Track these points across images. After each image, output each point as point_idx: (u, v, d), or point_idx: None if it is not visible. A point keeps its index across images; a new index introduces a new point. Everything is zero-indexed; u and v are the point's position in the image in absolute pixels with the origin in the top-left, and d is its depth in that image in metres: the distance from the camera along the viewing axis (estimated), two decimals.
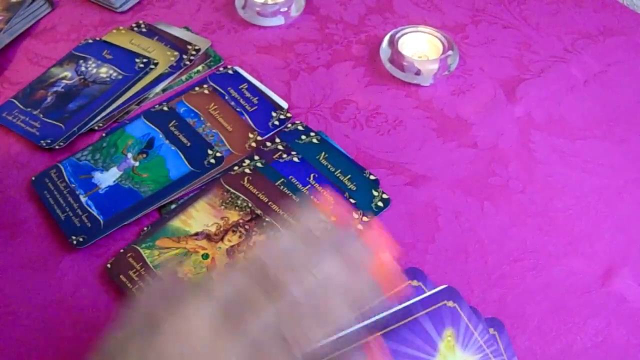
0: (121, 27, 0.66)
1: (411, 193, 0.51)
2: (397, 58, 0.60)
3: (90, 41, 0.64)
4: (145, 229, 0.48)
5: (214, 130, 0.55)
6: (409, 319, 0.43)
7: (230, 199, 0.49)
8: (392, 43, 0.61)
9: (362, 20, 0.68)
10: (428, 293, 0.44)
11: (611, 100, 0.59)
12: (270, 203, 0.49)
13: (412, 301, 0.43)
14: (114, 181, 0.52)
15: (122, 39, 0.64)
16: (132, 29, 0.66)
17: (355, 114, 0.57)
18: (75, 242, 0.47)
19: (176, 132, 0.55)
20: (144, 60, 0.61)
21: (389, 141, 0.55)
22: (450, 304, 0.43)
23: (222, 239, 0.47)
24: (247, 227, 0.48)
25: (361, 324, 0.42)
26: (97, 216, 0.49)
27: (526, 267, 0.46)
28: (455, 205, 0.50)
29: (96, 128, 0.57)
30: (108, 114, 0.57)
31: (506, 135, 0.56)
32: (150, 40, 0.64)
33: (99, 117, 0.57)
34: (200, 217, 0.48)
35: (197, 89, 0.59)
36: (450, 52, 0.60)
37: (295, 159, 0.52)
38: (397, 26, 0.64)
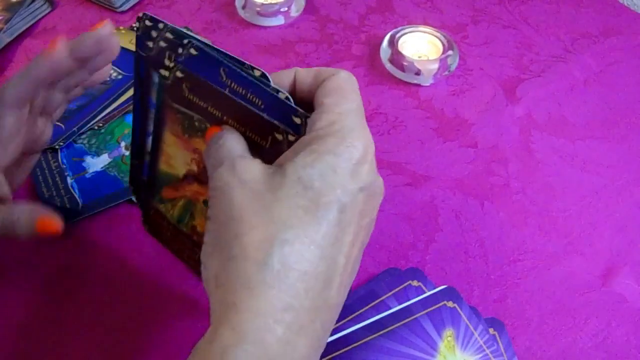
0: (121, 27, 0.66)
1: (411, 193, 0.51)
2: (397, 58, 0.60)
3: None
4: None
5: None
6: (409, 319, 0.43)
7: (187, 122, 0.37)
8: (392, 43, 0.61)
9: (362, 20, 0.68)
10: (428, 293, 0.44)
11: (611, 100, 0.59)
12: (226, 118, 0.34)
13: (412, 301, 0.43)
14: (102, 167, 0.52)
15: (123, 39, 0.64)
16: (132, 28, 0.66)
17: None
18: None
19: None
20: None
21: (389, 141, 0.55)
22: (450, 304, 0.43)
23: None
24: None
25: (361, 324, 0.42)
26: (78, 199, 0.50)
27: (526, 267, 0.46)
28: (455, 205, 0.50)
29: (96, 128, 0.57)
30: (108, 113, 0.57)
31: (506, 135, 0.56)
32: None
33: (99, 117, 0.57)
34: (175, 153, 0.39)
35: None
36: (450, 52, 0.60)
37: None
38: (397, 26, 0.64)
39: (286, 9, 0.66)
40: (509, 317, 0.43)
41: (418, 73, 0.60)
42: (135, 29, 0.65)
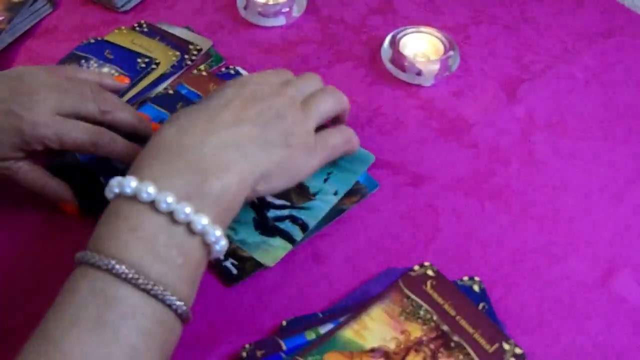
0: (123, 27, 0.66)
1: (412, 193, 0.51)
2: (398, 58, 0.60)
3: (92, 41, 0.64)
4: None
5: None
6: None
7: (411, 308, 0.42)
8: (394, 43, 0.61)
9: (364, 20, 0.68)
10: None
11: (612, 100, 0.59)
12: (458, 318, 0.42)
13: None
14: None
15: (124, 39, 0.64)
16: (133, 28, 0.66)
17: (356, 114, 0.58)
18: None
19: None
20: (146, 60, 0.61)
21: (389, 141, 0.55)
22: None
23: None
24: (432, 346, 0.41)
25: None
26: None
27: (526, 267, 0.46)
28: (456, 205, 0.50)
29: None
30: None
31: (507, 135, 0.56)
32: (151, 40, 0.64)
33: None
34: (376, 328, 0.41)
35: (195, 71, 0.60)
36: (451, 53, 0.60)
37: None
38: (399, 27, 0.64)
39: (287, 9, 0.67)
40: (509, 317, 0.43)
41: (419, 73, 0.60)
42: (135, 28, 0.66)
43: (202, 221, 0.35)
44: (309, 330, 0.42)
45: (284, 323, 0.43)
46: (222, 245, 0.37)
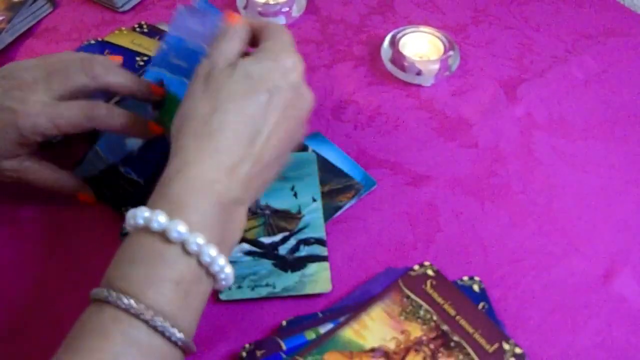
0: (123, 28, 0.66)
1: (411, 193, 0.51)
2: (398, 58, 0.60)
3: (93, 42, 0.64)
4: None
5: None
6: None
7: (411, 307, 0.43)
8: (393, 43, 0.61)
9: (364, 20, 0.68)
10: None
11: (612, 100, 0.59)
12: (458, 317, 0.42)
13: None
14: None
15: (124, 39, 0.64)
16: (134, 29, 0.66)
17: (356, 114, 0.58)
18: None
19: (176, 62, 0.49)
20: (144, 58, 0.61)
21: (390, 141, 0.55)
22: None
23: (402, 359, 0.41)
24: (432, 346, 0.41)
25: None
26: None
27: (526, 267, 0.46)
28: (456, 205, 0.50)
29: None
30: None
31: (507, 135, 0.56)
32: (151, 40, 0.64)
33: None
34: (376, 327, 0.42)
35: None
36: (451, 53, 0.60)
37: None
38: (398, 26, 0.64)
39: (287, 9, 0.67)
40: (509, 317, 0.43)
41: (419, 73, 0.60)
42: (135, 29, 0.65)
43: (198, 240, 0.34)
44: (309, 330, 0.42)
45: (284, 323, 0.43)
46: (220, 265, 0.35)
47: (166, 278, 0.33)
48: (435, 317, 0.42)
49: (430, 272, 0.44)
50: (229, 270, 0.36)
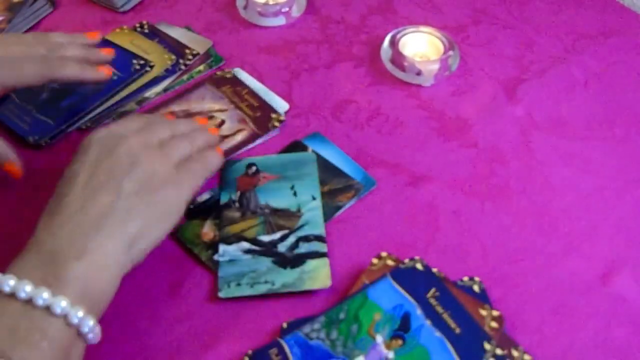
0: (125, 27, 0.66)
1: (411, 193, 0.51)
2: (398, 58, 0.60)
3: None
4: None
5: None
6: None
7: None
8: (393, 43, 0.61)
9: (363, 20, 0.68)
10: None
11: (611, 100, 0.59)
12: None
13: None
14: None
15: (124, 38, 0.64)
16: (135, 29, 0.66)
17: (356, 114, 0.58)
18: None
19: (437, 307, 0.41)
20: (141, 62, 0.61)
21: (389, 141, 0.55)
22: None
23: None
24: None
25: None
26: None
27: (526, 267, 0.46)
28: (456, 205, 0.50)
29: (83, 127, 0.57)
30: (97, 114, 0.57)
31: (507, 135, 0.56)
32: (150, 42, 0.64)
33: (87, 118, 0.57)
34: None
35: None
36: (451, 53, 0.60)
37: None
38: (398, 26, 0.64)
39: (287, 9, 0.67)
40: (509, 317, 0.43)
41: (419, 73, 0.60)
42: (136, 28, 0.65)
43: (62, 304, 0.34)
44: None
45: (285, 325, 0.43)
46: (89, 325, 0.35)
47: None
48: None
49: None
50: (91, 322, 0.35)
